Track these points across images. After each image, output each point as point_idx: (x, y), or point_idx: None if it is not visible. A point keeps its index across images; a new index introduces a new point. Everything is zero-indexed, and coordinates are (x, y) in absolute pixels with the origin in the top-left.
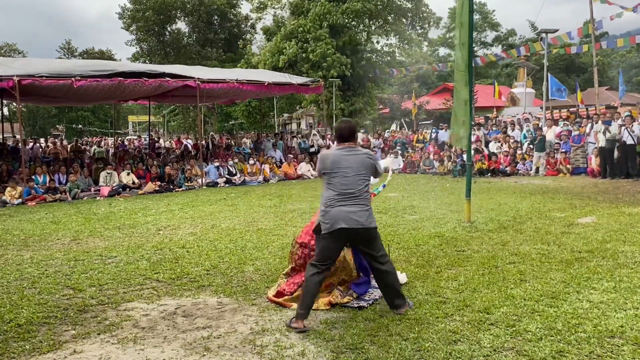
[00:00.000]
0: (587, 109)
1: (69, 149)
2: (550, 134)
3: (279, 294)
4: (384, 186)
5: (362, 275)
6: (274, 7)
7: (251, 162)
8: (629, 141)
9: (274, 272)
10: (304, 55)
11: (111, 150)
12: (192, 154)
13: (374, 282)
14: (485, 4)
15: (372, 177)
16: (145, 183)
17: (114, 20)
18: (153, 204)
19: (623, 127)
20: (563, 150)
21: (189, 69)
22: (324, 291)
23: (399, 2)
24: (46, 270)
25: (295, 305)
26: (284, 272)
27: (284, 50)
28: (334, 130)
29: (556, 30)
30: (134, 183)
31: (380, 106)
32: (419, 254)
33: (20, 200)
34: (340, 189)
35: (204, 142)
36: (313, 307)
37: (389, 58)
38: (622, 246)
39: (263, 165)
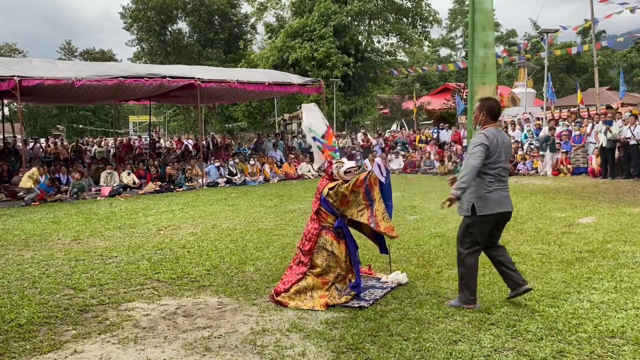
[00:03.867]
0: (587, 109)
1: (69, 149)
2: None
3: (276, 292)
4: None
5: (356, 278)
6: (274, 8)
7: (252, 162)
8: (630, 141)
9: (274, 272)
10: (310, 54)
11: (112, 151)
12: (193, 154)
13: (371, 283)
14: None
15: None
16: (145, 183)
17: (114, 20)
18: (154, 204)
19: (624, 127)
20: (564, 150)
21: (190, 69)
22: (322, 289)
23: (399, 2)
24: (47, 270)
25: (293, 304)
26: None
27: (291, 50)
28: (485, 107)
29: (557, 31)
30: (134, 183)
31: (381, 106)
32: (420, 254)
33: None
34: (500, 172)
35: (204, 142)
36: (310, 308)
37: (389, 58)
38: (622, 246)
39: (264, 165)
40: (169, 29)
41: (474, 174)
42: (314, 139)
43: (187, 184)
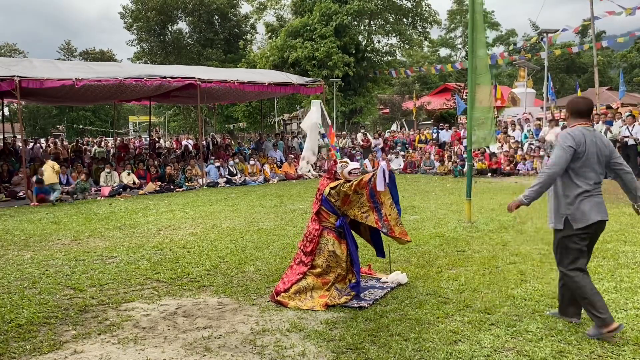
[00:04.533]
0: None
1: (69, 149)
2: (550, 134)
3: (276, 292)
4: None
5: (356, 277)
6: (274, 8)
7: (252, 162)
8: (630, 141)
9: (274, 272)
10: (310, 54)
11: (112, 151)
12: (193, 154)
13: (371, 283)
14: (484, 3)
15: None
16: (145, 183)
17: (114, 20)
18: (154, 204)
19: (624, 127)
20: None
21: (190, 69)
22: (322, 289)
23: (399, 2)
24: (47, 270)
25: (292, 304)
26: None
27: (291, 49)
28: (569, 106)
29: (556, 31)
30: (134, 183)
31: (381, 106)
32: (420, 254)
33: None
34: (594, 178)
35: (204, 142)
36: (310, 308)
37: (389, 58)
38: (622, 246)
39: (264, 166)
40: (169, 29)
41: (548, 182)
42: (323, 136)
43: (187, 184)
